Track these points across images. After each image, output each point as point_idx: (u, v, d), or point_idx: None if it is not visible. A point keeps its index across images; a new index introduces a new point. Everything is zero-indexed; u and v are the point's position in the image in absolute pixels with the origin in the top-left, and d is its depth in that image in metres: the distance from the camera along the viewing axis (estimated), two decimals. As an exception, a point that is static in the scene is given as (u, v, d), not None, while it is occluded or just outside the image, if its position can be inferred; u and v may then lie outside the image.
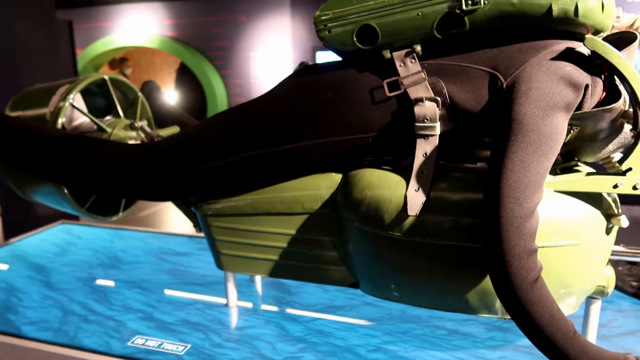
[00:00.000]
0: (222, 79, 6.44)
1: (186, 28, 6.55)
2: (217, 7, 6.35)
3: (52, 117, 1.33)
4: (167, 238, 1.94)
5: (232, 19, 6.32)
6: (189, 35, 6.55)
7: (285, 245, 1.21)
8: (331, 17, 1.04)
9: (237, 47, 6.37)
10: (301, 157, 1.13)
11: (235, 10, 6.27)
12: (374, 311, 1.34)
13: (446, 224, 0.97)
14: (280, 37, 6.18)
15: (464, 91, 0.98)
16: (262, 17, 6.24)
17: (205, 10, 6.42)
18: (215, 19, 6.39)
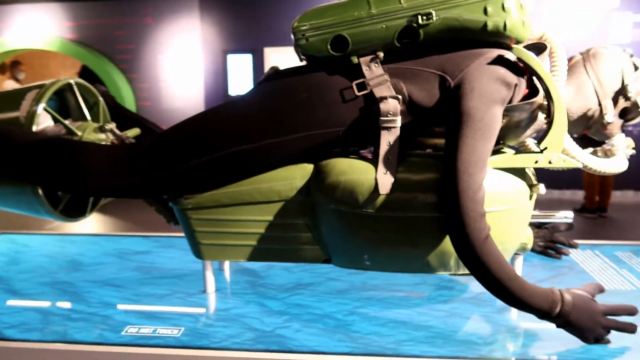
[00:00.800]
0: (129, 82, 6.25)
1: (88, 30, 6.26)
2: (121, 9, 6.16)
3: (27, 121, 1.34)
4: (121, 239, 1.97)
5: (138, 21, 6.17)
6: (91, 38, 6.27)
7: (263, 231, 1.35)
8: (309, 27, 1.21)
9: (144, 50, 6.23)
10: (279, 151, 1.28)
11: (141, 12, 6.14)
12: (338, 285, 1.52)
13: (411, 199, 1.18)
14: (189, 40, 6.16)
15: (420, 90, 1.20)
16: (169, 20, 6.17)
17: (109, 12, 6.20)
18: (120, 21, 6.20)
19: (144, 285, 1.54)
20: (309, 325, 1.27)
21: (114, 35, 6.21)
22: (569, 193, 6.27)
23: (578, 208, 5.56)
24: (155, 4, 6.09)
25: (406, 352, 1.14)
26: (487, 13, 1.14)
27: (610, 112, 1.27)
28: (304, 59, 1.35)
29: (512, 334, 1.24)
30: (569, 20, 5.89)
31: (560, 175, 5.51)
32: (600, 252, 1.80)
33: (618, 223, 5.29)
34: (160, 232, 2.05)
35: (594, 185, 5.41)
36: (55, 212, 1.42)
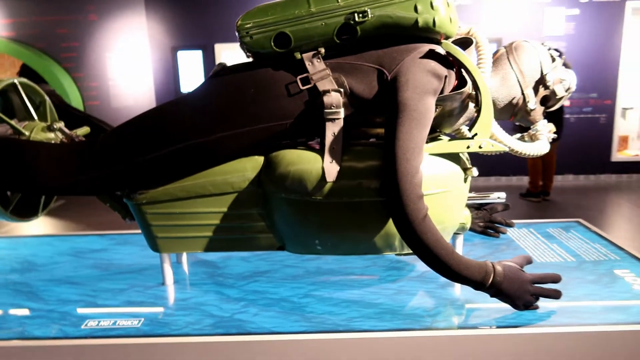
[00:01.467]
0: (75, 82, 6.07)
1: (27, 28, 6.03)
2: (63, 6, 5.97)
3: (-28, 122, 1.34)
4: (76, 239, 1.96)
5: (82, 18, 6.00)
6: (31, 36, 6.04)
7: (218, 222, 1.41)
8: (252, 25, 1.27)
9: (89, 48, 6.07)
10: (229, 144, 1.34)
11: (84, 9, 5.97)
12: (294, 271, 1.59)
13: (356, 185, 1.27)
14: (136, 37, 6.04)
15: (360, 83, 1.29)
16: (114, 16, 6.03)
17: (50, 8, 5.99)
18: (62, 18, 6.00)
19: (101, 281, 1.56)
20: (266, 309, 1.34)
21: (57, 33, 6.01)
22: (515, 179, 6.59)
23: (523, 192, 5.87)
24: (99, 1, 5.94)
25: (357, 327, 1.23)
26: (418, 11, 1.23)
27: (532, 100, 1.39)
28: (249, 56, 1.40)
29: (453, 306, 1.35)
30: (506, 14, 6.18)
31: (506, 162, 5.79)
32: (534, 229, 1.95)
33: (560, 205, 5.62)
34: (116, 230, 2.06)
35: (537, 170, 5.72)
36: (5, 213, 1.42)
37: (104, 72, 6.10)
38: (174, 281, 1.53)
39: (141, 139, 1.32)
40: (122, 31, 6.02)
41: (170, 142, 1.31)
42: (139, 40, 6.01)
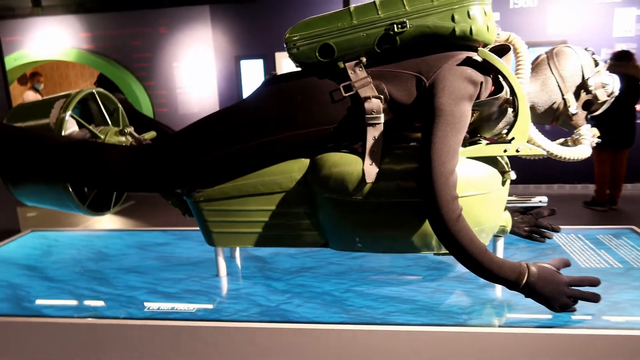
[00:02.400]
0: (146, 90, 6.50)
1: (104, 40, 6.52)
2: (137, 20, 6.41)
3: (57, 126, 1.54)
4: (142, 234, 2.15)
5: (154, 31, 6.41)
6: (108, 48, 6.54)
7: (267, 219, 1.52)
8: (299, 38, 1.37)
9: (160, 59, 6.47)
10: (279, 147, 1.45)
11: (156, 22, 6.38)
12: (337, 268, 1.68)
13: (394, 187, 1.34)
14: (202, 47, 6.38)
15: (399, 90, 1.36)
16: (183, 28, 6.40)
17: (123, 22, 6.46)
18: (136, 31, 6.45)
19: (162, 271, 1.72)
20: (309, 301, 1.44)
21: (131, 45, 6.47)
22: (579, 187, 6.32)
23: (588, 201, 5.62)
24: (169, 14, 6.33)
25: (393, 321, 1.30)
26: (455, 20, 1.29)
27: (573, 105, 1.40)
28: (297, 66, 1.51)
29: (490, 305, 1.39)
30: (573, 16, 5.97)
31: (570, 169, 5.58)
32: (583, 235, 1.92)
33: (627, 215, 5.34)
34: (178, 227, 2.24)
35: (605, 178, 5.46)
36: (83, 207, 1.61)
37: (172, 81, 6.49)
38: (227, 273, 1.66)
39: (199, 142, 1.46)
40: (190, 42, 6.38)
41: (226, 146, 1.44)
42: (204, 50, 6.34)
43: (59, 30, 6.58)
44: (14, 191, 1.64)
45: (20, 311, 1.47)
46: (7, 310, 1.47)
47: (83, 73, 8.11)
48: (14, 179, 1.61)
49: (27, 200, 1.68)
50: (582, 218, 5.20)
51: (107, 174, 1.47)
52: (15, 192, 1.65)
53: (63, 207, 1.64)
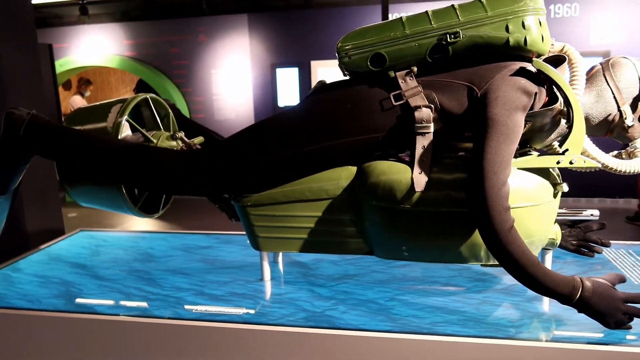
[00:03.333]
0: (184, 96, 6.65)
1: (146, 48, 6.72)
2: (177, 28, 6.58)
3: (114, 130, 1.59)
4: (186, 236, 2.20)
5: (193, 38, 6.57)
6: (148, 55, 6.72)
7: (313, 225, 1.54)
8: (351, 47, 1.39)
9: (198, 66, 6.62)
10: (327, 155, 1.47)
11: (195, 30, 6.54)
12: (381, 276, 1.68)
13: (443, 196, 1.33)
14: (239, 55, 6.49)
15: (450, 99, 1.36)
16: (221, 36, 6.53)
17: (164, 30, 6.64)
18: (175, 38, 6.62)
19: (208, 274, 1.75)
20: (354, 308, 1.44)
21: (170, 52, 6.64)
22: (621, 202, 6.14)
23: (631, 216, 5.45)
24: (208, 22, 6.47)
25: (440, 331, 1.29)
26: (509, 30, 1.28)
27: (629, 117, 1.37)
28: (346, 74, 1.53)
29: (539, 319, 1.36)
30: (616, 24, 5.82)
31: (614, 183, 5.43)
32: (634, 251, 1.87)
33: (673, 232, 5.15)
34: (221, 231, 2.28)
35: (648, 194, 5.29)
36: (134, 209, 1.66)
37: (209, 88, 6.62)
38: (271, 278, 1.68)
39: (249, 148, 1.49)
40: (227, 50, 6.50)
41: (275, 152, 1.47)
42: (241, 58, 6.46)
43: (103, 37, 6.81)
44: (70, 192, 1.71)
45: (73, 307, 1.52)
46: (61, 306, 1.52)
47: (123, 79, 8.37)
48: (71, 180, 1.67)
49: (81, 200, 1.74)
50: (625, 233, 5.04)
51: (160, 177, 1.51)
52: (71, 193, 1.71)
53: (116, 208, 1.69)
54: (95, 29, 6.80)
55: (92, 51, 6.85)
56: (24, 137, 1.50)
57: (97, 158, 1.52)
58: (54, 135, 1.51)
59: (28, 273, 1.83)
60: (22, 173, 1.63)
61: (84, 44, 6.91)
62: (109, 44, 6.78)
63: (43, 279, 1.77)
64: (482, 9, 1.32)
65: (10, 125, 1.51)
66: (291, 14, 6.18)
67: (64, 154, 1.53)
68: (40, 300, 1.58)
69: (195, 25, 6.47)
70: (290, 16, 6.18)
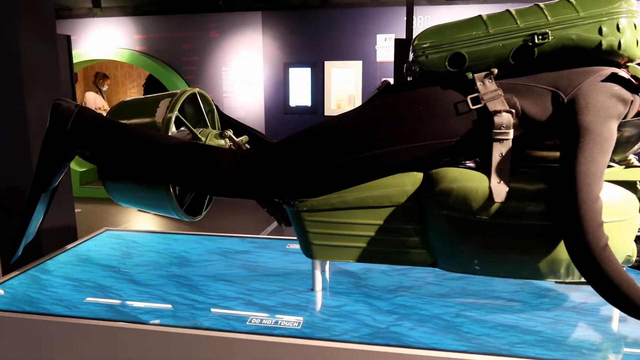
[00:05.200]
0: (193, 93, 6.52)
1: (156, 43, 6.60)
2: (189, 23, 6.47)
3: (163, 126, 1.49)
4: (220, 239, 2.10)
5: (204, 34, 6.46)
6: (158, 50, 6.61)
7: (373, 234, 1.44)
8: (429, 45, 1.30)
9: (208, 63, 6.51)
10: (393, 159, 1.37)
11: (207, 26, 6.43)
12: (438, 289, 1.59)
13: (525, 208, 1.24)
14: (251, 53, 6.39)
15: (532, 105, 1.27)
16: (233, 33, 6.42)
17: (176, 26, 6.52)
18: (187, 34, 6.51)
19: (253, 281, 1.65)
20: (420, 324, 1.35)
21: (181, 48, 6.53)
22: None
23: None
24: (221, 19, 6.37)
25: (520, 353, 1.20)
26: (602, 33, 1.20)
27: None
28: (410, 76, 1.44)
29: (624, 342, 1.27)
30: None
31: None
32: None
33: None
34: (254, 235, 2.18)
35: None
36: (180, 211, 1.56)
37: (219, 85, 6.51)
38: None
39: (310, 150, 1.39)
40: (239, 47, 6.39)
41: (336, 156, 1.37)
42: (254, 56, 6.35)
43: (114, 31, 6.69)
44: (109, 188, 1.60)
45: (115, 315, 1.41)
46: (102, 314, 1.42)
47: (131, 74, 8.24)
48: (112, 176, 1.57)
49: (120, 199, 1.64)
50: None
51: (216, 178, 1.41)
52: (110, 190, 1.61)
53: (158, 208, 1.59)
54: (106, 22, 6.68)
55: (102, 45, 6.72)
56: (72, 131, 1.40)
57: (147, 155, 1.42)
58: (103, 130, 1.41)
59: (58, 275, 1.72)
60: (64, 170, 1.52)
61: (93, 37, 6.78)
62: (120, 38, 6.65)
63: (76, 282, 1.66)
64: (573, 10, 1.23)
65: (57, 117, 1.40)
66: (306, 13, 6.09)
67: (113, 149, 1.43)
68: (77, 306, 1.47)
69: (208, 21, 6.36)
70: (305, 15, 6.09)
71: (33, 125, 2.67)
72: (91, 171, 6.91)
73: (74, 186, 6.99)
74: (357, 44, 5.93)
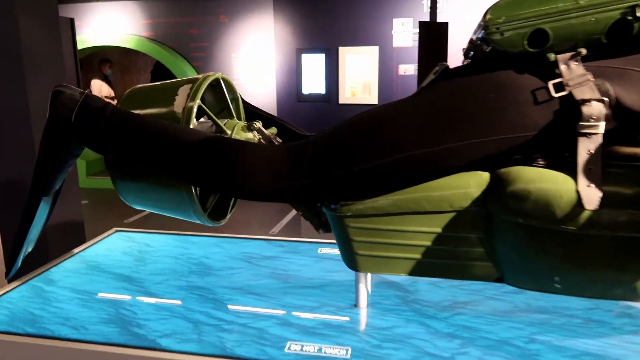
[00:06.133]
0: (202, 80, 6.29)
1: (164, 28, 6.37)
2: (196, 8, 6.22)
3: (184, 116, 1.28)
4: (242, 242, 1.90)
5: (213, 19, 6.22)
6: (166, 35, 6.37)
7: (429, 244, 1.23)
8: (505, 20, 1.07)
9: (218, 48, 6.28)
10: (455, 157, 1.16)
11: (215, 10, 6.18)
12: (500, 305, 1.38)
13: (623, 217, 1.03)
14: (262, 38, 6.14)
15: (630, 92, 1.05)
16: (243, 18, 6.18)
17: (184, 10, 6.28)
18: (195, 19, 6.27)
19: (285, 295, 1.45)
20: (490, 353, 1.14)
21: (189, 34, 6.29)
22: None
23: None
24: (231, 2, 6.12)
25: (620, 393, 1.00)
26: None
27: None
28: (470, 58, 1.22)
29: None
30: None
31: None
32: None
33: None
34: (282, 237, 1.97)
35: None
36: (204, 215, 1.35)
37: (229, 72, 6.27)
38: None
39: (359, 145, 1.18)
40: (250, 33, 6.15)
41: (391, 151, 1.16)
42: (265, 41, 6.11)
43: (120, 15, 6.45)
44: (120, 188, 1.39)
45: (130, 339, 1.22)
46: (116, 337, 1.22)
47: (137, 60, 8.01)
48: (125, 175, 1.36)
49: (132, 200, 1.43)
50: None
51: (244, 179, 1.20)
52: (121, 189, 1.40)
53: (178, 212, 1.38)
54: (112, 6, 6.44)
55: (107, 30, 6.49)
56: (76, 124, 1.18)
57: (167, 152, 1.21)
58: (114, 122, 1.20)
59: (64, 286, 1.52)
60: (69, 169, 1.32)
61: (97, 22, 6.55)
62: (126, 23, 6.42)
63: (84, 295, 1.46)
64: None
65: (58, 107, 1.18)
66: (319, -4, 5.83)
67: (126, 145, 1.22)
68: (86, 326, 1.28)
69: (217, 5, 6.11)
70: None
71: (36, 116, 2.46)
72: (98, 161, 6.72)
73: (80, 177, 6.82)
74: (373, 29, 5.67)
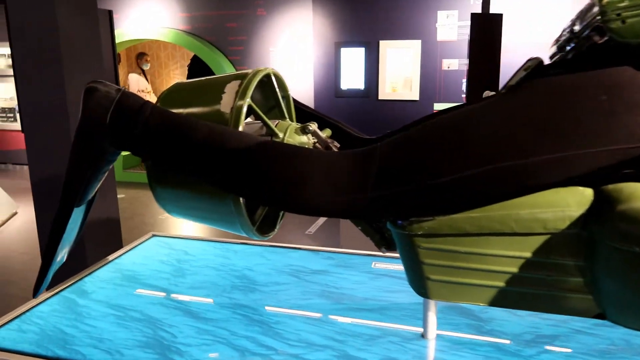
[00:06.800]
0: (239, 75, 6.19)
1: (201, 21, 6.28)
2: (234, 1, 6.10)
3: (232, 117, 1.12)
4: (287, 253, 1.74)
5: (251, 12, 6.08)
6: (203, 29, 6.29)
7: (516, 270, 1.04)
8: (628, 5, 0.87)
9: (255, 42, 6.14)
10: (553, 170, 0.97)
11: (254, 3, 6.04)
12: (593, 341, 1.18)
13: None
14: (301, 32, 5.98)
15: None
16: (282, 11, 6.02)
17: (222, 3, 6.17)
18: (233, 12, 6.15)
19: (341, 319, 1.28)
20: (595, 407, 0.95)
21: (227, 27, 6.18)
22: None
23: None
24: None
25: None
26: None
27: None
28: (570, 53, 1.03)
29: None
30: None
31: None
32: None
33: None
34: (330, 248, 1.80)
35: None
36: (252, 229, 1.20)
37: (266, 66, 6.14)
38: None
39: (436, 155, 1.00)
40: (288, 26, 5.99)
41: (474, 163, 0.98)
42: (303, 35, 5.94)
43: (159, 8, 6.39)
44: (159, 196, 1.25)
45: (169, 367, 1.08)
46: (153, 365, 1.08)
47: (174, 54, 7.97)
48: (165, 182, 1.21)
49: (172, 209, 1.29)
50: None
51: (303, 191, 1.04)
52: (160, 197, 1.26)
53: (223, 224, 1.23)
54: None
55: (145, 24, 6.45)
56: (112, 125, 1.04)
57: (215, 160, 1.06)
58: (154, 124, 1.05)
59: (99, 300, 1.40)
60: (103, 177, 1.18)
61: (134, 15, 6.51)
62: (163, 16, 6.36)
63: (120, 311, 1.33)
64: None
65: (92, 107, 1.04)
66: (360, -12, 5.62)
67: (166, 151, 1.07)
68: (121, 351, 1.14)
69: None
70: (358, -10, 5.62)
71: (74, 113, 2.37)
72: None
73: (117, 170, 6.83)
74: (415, 22, 5.42)
